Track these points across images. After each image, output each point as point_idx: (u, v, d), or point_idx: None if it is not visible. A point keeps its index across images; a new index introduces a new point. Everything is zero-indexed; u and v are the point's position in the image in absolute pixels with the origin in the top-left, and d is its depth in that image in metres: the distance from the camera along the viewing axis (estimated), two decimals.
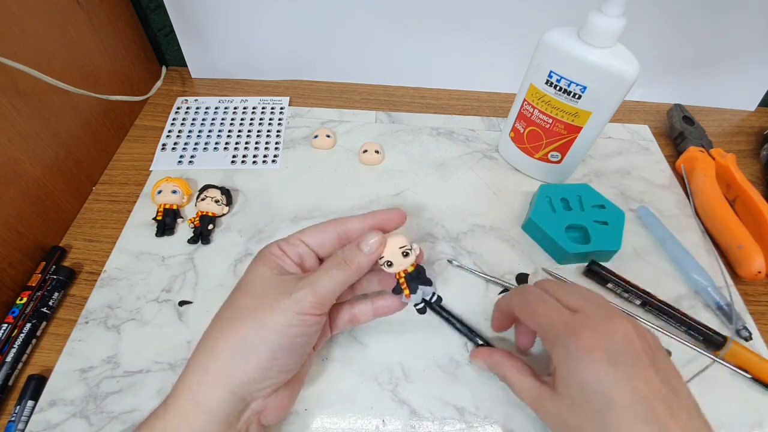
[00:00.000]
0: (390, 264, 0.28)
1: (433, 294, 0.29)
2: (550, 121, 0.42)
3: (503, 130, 0.49)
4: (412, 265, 0.29)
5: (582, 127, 0.41)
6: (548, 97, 0.41)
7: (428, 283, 0.29)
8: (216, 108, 0.54)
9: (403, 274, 0.29)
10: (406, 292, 0.29)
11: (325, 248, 0.29)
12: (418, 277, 0.29)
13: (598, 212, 0.42)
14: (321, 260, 0.30)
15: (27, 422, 0.30)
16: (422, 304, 0.30)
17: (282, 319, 0.24)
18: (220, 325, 0.26)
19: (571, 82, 0.39)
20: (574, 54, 0.37)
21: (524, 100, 0.44)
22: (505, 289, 0.38)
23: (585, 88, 0.38)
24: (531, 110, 0.43)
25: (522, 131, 0.46)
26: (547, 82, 0.40)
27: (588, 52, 0.37)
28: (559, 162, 0.45)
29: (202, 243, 0.41)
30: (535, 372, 0.29)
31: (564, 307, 0.27)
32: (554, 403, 0.25)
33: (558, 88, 0.40)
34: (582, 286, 0.30)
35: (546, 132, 0.43)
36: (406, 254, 0.28)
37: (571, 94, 0.39)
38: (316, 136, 0.50)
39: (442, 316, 0.36)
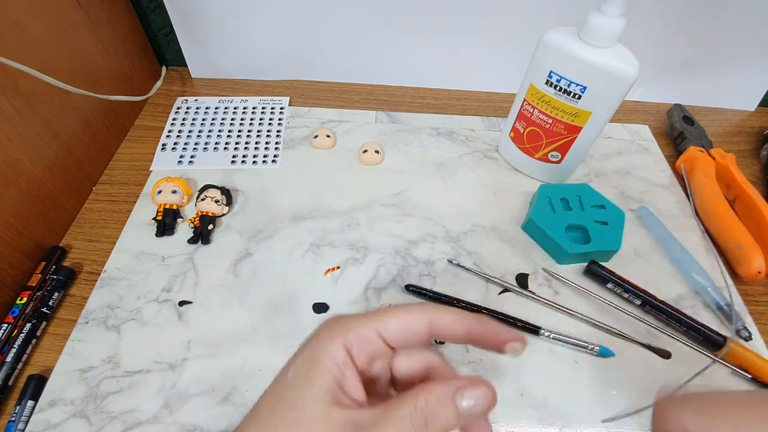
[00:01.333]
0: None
1: None
2: (550, 121, 0.42)
3: (503, 130, 0.49)
4: None
5: (582, 127, 0.41)
6: (548, 97, 0.41)
7: None
8: (216, 108, 0.54)
9: None
10: None
11: (409, 341, 0.20)
12: None
13: (598, 212, 0.42)
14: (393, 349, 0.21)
15: (27, 422, 0.30)
16: None
17: None
18: None
19: (571, 82, 0.39)
20: (574, 54, 0.37)
21: (524, 100, 0.44)
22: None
23: (585, 88, 0.38)
24: (531, 110, 0.43)
25: (522, 131, 0.46)
26: (547, 82, 0.40)
27: (588, 52, 0.37)
28: (559, 162, 0.45)
29: (202, 243, 0.41)
30: None
31: None
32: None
33: (558, 88, 0.40)
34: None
35: (546, 132, 0.43)
36: None
37: (571, 94, 0.39)
38: (316, 136, 0.50)
39: None
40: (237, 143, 0.50)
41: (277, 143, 0.50)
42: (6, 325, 0.34)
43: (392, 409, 0.18)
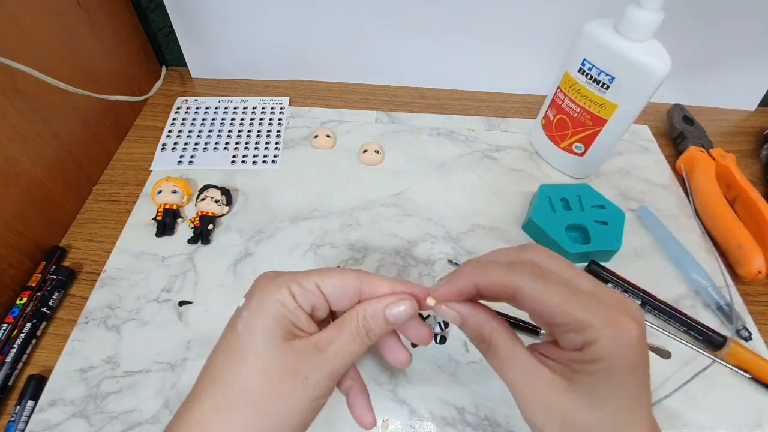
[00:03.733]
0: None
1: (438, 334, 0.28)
2: (578, 109, 0.43)
3: (537, 117, 0.50)
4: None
5: (607, 120, 0.42)
6: (579, 85, 0.42)
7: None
8: (216, 108, 0.54)
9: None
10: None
11: (342, 302, 0.23)
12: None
13: (598, 212, 0.42)
14: (332, 311, 0.24)
15: (27, 422, 0.31)
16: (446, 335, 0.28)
17: (299, 409, 0.21)
18: (223, 405, 0.20)
19: (601, 71, 0.39)
20: (607, 44, 0.38)
21: (558, 87, 0.45)
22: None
23: (613, 78, 0.39)
24: (562, 98, 0.44)
25: (552, 118, 0.47)
26: (579, 70, 0.41)
27: (621, 44, 0.37)
28: (582, 154, 0.46)
29: (202, 243, 0.41)
30: (528, 348, 0.22)
31: (578, 288, 0.20)
32: (561, 395, 0.20)
33: (589, 76, 0.40)
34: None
35: (573, 121, 0.44)
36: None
37: (600, 83, 0.40)
38: (316, 136, 0.50)
39: None
40: (237, 143, 0.50)
41: (277, 143, 0.50)
42: (6, 325, 0.34)
43: (342, 327, 0.22)
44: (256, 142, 0.50)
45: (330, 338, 0.22)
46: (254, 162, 0.48)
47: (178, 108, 0.54)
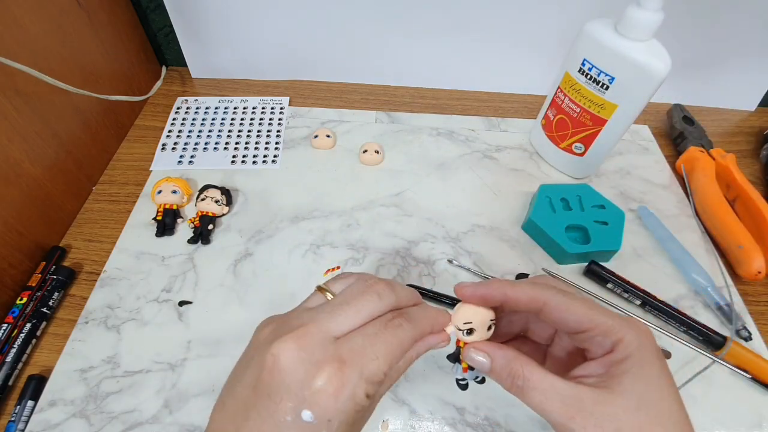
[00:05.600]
0: (471, 332, 0.23)
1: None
2: (578, 110, 0.43)
3: (537, 117, 0.50)
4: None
5: (607, 120, 0.42)
6: (579, 86, 0.42)
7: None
8: (216, 108, 0.54)
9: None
10: (465, 365, 0.24)
11: None
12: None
13: (598, 212, 0.42)
14: None
15: (27, 422, 0.31)
16: (466, 382, 0.25)
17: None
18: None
19: (601, 71, 0.39)
20: (607, 44, 0.38)
21: (558, 87, 0.45)
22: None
23: (613, 78, 0.39)
24: (562, 98, 0.44)
25: (552, 118, 0.47)
26: (579, 71, 0.41)
27: (621, 44, 0.37)
28: (582, 154, 0.46)
29: (202, 243, 0.41)
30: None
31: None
32: (609, 407, 0.19)
33: (588, 76, 0.40)
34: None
35: (573, 121, 0.44)
36: (489, 327, 0.24)
37: (600, 83, 0.40)
38: (316, 136, 0.50)
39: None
40: (237, 143, 0.50)
41: (277, 143, 0.50)
42: (6, 325, 0.34)
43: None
44: (256, 142, 0.50)
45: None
46: (254, 162, 0.48)
47: (178, 108, 0.54)
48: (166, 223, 0.41)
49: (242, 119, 0.53)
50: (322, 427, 0.19)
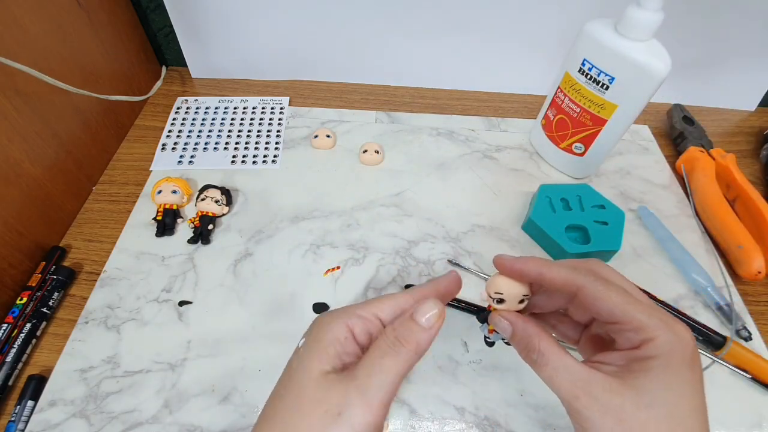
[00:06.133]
0: (501, 301, 0.24)
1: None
2: (578, 110, 0.43)
3: (537, 117, 0.50)
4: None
5: (607, 120, 0.42)
6: (579, 86, 0.42)
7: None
8: (216, 108, 0.54)
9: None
10: (491, 327, 0.25)
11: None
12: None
13: (598, 212, 0.42)
14: None
15: (27, 422, 0.31)
16: (492, 341, 0.27)
17: None
18: None
19: (601, 71, 0.39)
20: (607, 44, 0.38)
21: (558, 87, 0.45)
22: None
23: (613, 78, 0.39)
24: (562, 98, 0.44)
25: (552, 118, 0.47)
26: (579, 71, 0.41)
27: (621, 44, 0.37)
28: (582, 154, 0.46)
29: (202, 243, 0.41)
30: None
31: (635, 297, 0.21)
32: (617, 396, 0.19)
33: (588, 77, 0.40)
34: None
35: (573, 121, 0.44)
36: (521, 301, 0.25)
37: (600, 83, 0.40)
38: (316, 136, 0.50)
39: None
40: (237, 143, 0.50)
41: (277, 143, 0.50)
42: (6, 325, 0.34)
43: (371, 348, 0.21)
44: (256, 142, 0.50)
45: (361, 362, 0.21)
46: (254, 162, 0.48)
47: (178, 108, 0.54)
48: (166, 223, 0.41)
49: (242, 119, 0.53)
50: None
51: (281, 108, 0.55)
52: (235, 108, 0.54)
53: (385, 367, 0.20)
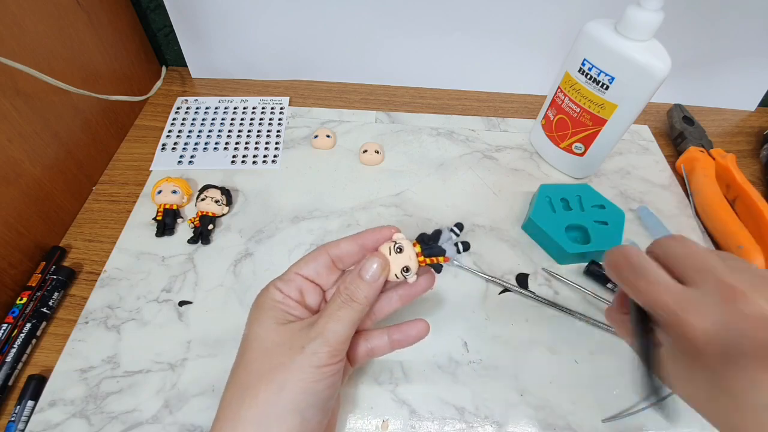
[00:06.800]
0: (407, 269, 0.25)
1: (458, 243, 0.27)
2: (578, 110, 0.43)
3: (537, 117, 0.50)
4: (415, 246, 0.26)
5: (607, 120, 0.42)
6: (579, 86, 0.42)
7: (437, 239, 0.27)
8: (216, 108, 0.54)
9: (421, 258, 0.26)
10: (442, 259, 0.26)
11: (323, 276, 0.28)
12: (431, 246, 0.26)
13: (598, 212, 0.42)
14: (322, 290, 0.28)
15: (27, 422, 0.31)
16: (457, 251, 0.27)
17: (302, 377, 0.23)
18: (239, 393, 0.23)
19: (601, 71, 0.39)
20: (608, 44, 0.38)
21: (558, 87, 0.45)
22: (505, 290, 0.38)
23: (613, 78, 0.39)
24: (563, 98, 0.44)
25: (552, 118, 0.47)
26: (579, 70, 0.41)
27: (621, 44, 0.37)
28: (582, 154, 0.46)
29: (202, 243, 0.41)
30: None
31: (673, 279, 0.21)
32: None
33: (588, 76, 0.40)
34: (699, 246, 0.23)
35: (573, 121, 0.44)
36: (400, 250, 0.25)
37: (600, 83, 0.40)
38: (316, 136, 0.50)
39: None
40: (237, 143, 0.50)
41: (277, 143, 0.50)
42: (6, 325, 0.34)
43: (329, 302, 0.25)
44: (256, 142, 0.50)
45: (320, 314, 0.25)
46: (254, 162, 0.48)
47: (178, 108, 0.54)
48: (166, 223, 0.41)
49: (242, 119, 0.53)
50: None
51: (281, 108, 0.55)
52: (235, 108, 0.54)
53: (341, 317, 0.24)
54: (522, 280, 0.40)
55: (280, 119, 0.53)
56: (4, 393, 0.32)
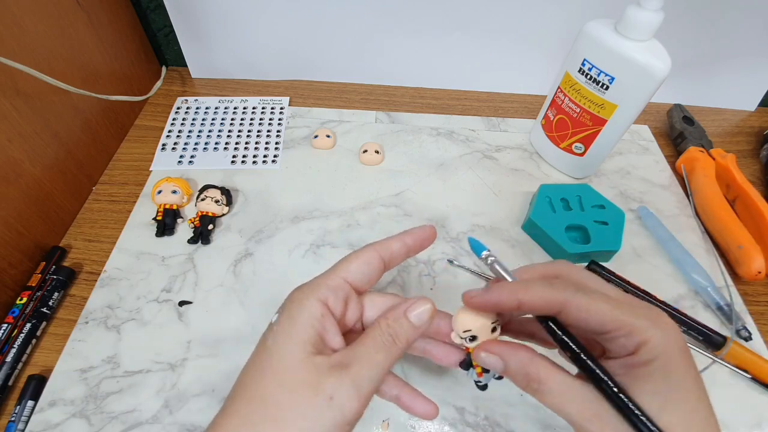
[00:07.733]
0: (474, 339, 0.23)
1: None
2: (578, 110, 0.43)
3: (537, 117, 0.50)
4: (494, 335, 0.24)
5: (607, 120, 0.42)
6: (579, 86, 0.42)
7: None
8: (216, 108, 0.54)
9: (479, 370, 0.24)
10: (479, 370, 0.24)
11: (372, 281, 0.25)
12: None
13: (598, 212, 0.42)
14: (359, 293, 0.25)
15: (27, 422, 0.31)
16: (484, 383, 0.25)
17: (321, 430, 0.20)
18: (247, 427, 0.20)
19: (601, 71, 0.39)
20: (607, 44, 0.38)
21: (558, 87, 0.45)
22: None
23: (613, 78, 0.39)
24: (563, 98, 0.44)
25: (552, 118, 0.47)
26: (579, 71, 0.41)
27: (621, 44, 0.37)
28: (582, 154, 0.46)
29: (202, 243, 0.41)
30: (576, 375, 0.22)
31: (614, 297, 0.21)
32: None
33: (588, 77, 0.40)
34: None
35: (573, 121, 0.44)
36: (494, 329, 0.23)
37: (600, 84, 0.40)
38: (316, 136, 0.50)
39: None
40: (237, 143, 0.50)
41: (277, 143, 0.50)
42: (6, 325, 0.34)
43: (365, 338, 0.22)
44: (256, 142, 0.50)
45: (354, 352, 0.22)
46: (254, 162, 0.48)
47: (178, 108, 0.54)
48: (166, 223, 0.41)
49: (242, 119, 0.53)
50: None
51: (281, 108, 0.55)
52: (235, 108, 0.54)
53: (378, 362, 0.21)
54: None
55: (280, 119, 0.53)
56: (4, 393, 0.32)
